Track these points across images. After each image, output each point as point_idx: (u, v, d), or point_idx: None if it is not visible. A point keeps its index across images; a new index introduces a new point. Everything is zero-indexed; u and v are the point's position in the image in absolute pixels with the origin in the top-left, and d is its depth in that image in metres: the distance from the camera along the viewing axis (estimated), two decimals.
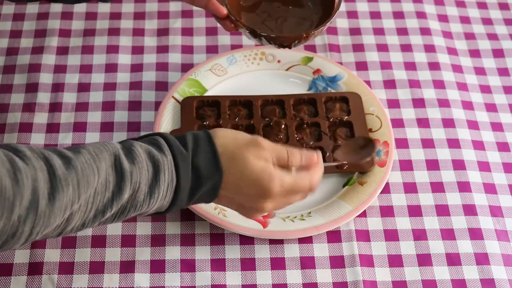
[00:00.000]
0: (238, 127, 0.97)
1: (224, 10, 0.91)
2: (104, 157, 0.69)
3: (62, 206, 0.65)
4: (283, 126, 0.98)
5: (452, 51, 1.12)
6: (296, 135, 0.97)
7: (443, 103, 1.04)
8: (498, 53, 1.12)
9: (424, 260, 0.88)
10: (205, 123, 0.97)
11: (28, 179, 0.64)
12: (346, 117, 0.99)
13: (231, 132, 0.78)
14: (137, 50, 1.09)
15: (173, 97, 1.00)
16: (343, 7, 1.16)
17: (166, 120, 0.97)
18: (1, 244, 0.65)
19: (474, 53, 1.12)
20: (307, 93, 1.03)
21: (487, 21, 1.17)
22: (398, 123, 1.02)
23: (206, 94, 1.02)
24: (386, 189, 0.95)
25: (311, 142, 0.96)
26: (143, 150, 0.72)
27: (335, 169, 0.94)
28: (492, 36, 1.15)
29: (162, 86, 1.05)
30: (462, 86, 1.07)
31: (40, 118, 1.00)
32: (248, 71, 1.05)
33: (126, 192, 0.69)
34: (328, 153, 0.95)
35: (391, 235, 0.90)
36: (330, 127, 0.98)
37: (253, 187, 0.75)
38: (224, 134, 0.76)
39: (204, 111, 0.98)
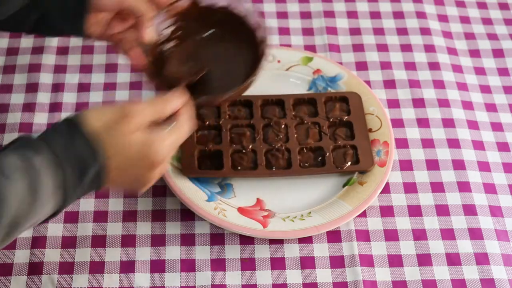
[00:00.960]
0: (238, 127, 0.97)
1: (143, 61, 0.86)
2: None
3: None
4: (283, 126, 0.98)
5: (452, 51, 1.12)
6: (296, 135, 0.97)
7: (443, 103, 1.04)
8: (498, 53, 1.12)
9: (424, 260, 0.89)
10: (206, 123, 0.97)
11: None
12: (346, 117, 0.99)
13: (96, 114, 0.73)
14: None
15: None
16: (343, 7, 1.16)
17: None
18: None
19: (474, 53, 1.12)
20: (307, 93, 1.03)
21: (487, 21, 1.17)
22: (398, 123, 1.02)
23: None
24: (386, 189, 0.95)
25: (311, 142, 0.97)
26: (14, 160, 0.68)
27: (335, 168, 0.94)
28: (492, 36, 1.15)
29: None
30: (462, 86, 1.07)
31: (40, 118, 1.00)
32: None
33: (7, 211, 0.66)
34: (328, 153, 0.95)
35: (391, 235, 0.90)
36: (330, 127, 0.99)
37: (140, 165, 0.74)
38: (90, 119, 0.72)
39: (205, 109, 0.98)
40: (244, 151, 0.94)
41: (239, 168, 0.93)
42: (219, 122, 0.97)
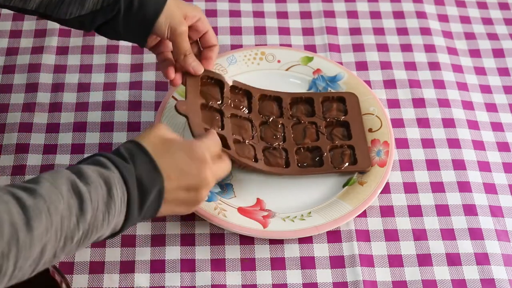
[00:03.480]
0: (236, 117, 0.96)
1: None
2: (62, 183, 0.69)
3: (39, 235, 0.65)
4: (279, 125, 0.97)
5: (452, 51, 1.12)
6: (292, 135, 0.97)
7: (443, 103, 1.04)
8: (498, 53, 1.12)
9: (424, 260, 0.88)
10: (209, 103, 0.94)
11: (4, 213, 0.63)
12: (343, 117, 0.99)
13: (153, 133, 0.79)
14: (137, 50, 1.09)
15: (173, 97, 1.00)
16: (343, 7, 1.16)
17: (166, 120, 0.97)
18: None
19: (474, 53, 1.12)
20: (304, 92, 1.03)
21: (487, 21, 1.17)
22: (398, 123, 1.02)
23: None
24: (386, 189, 0.95)
25: (308, 142, 0.96)
26: (92, 171, 0.72)
27: (332, 168, 0.94)
28: (492, 36, 1.15)
29: (162, 86, 1.05)
30: (462, 86, 1.07)
31: (40, 118, 1.00)
32: (248, 71, 1.05)
33: (88, 212, 0.69)
34: (325, 153, 0.95)
35: (391, 235, 0.90)
36: (327, 127, 0.98)
37: (189, 163, 0.77)
38: (148, 137, 0.78)
39: (208, 90, 0.96)
40: (245, 142, 0.94)
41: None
42: (221, 108, 0.96)
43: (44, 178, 0.69)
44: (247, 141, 0.94)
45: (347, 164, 0.95)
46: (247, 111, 0.98)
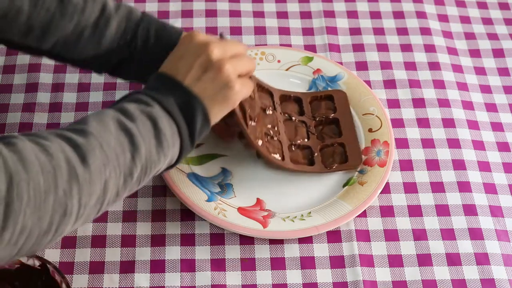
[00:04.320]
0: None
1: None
2: (108, 121, 0.70)
3: (97, 170, 0.66)
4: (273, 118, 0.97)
5: (452, 51, 1.12)
6: (285, 131, 0.97)
7: (443, 103, 1.04)
8: (498, 53, 1.12)
9: (424, 260, 0.89)
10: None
11: (58, 151, 0.64)
12: (332, 114, 0.99)
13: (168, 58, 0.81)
14: None
15: None
16: (343, 7, 1.16)
17: None
18: (56, 228, 0.64)
19: (474, 53, 1.12)
20: (293, 91, 1.02)
21: (487, 21, 1.17)
22: (398, 123, 1.02)
23: None
24: (386, 189, 0.95)
25: (299, 141, 0.96)
26: (135, 108, 0.73)
27: (323, 168, 0.94)
28: (492, 36, 1.15)
29: None
30: (462, 86, 1.07)
31: (40, 118, 1.00)
32: None
33: (142, 147, 0.70)
34: (316, 153, 0.95)
35: (391, 235, 0.90)
36: (317, 126, 0.98)
37: (189, 48, 0.80)
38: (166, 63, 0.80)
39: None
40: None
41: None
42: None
43: (91, 118, 0.70)
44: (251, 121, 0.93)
45: (337, 164, 0.95)
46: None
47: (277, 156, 0.93)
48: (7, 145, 0.63)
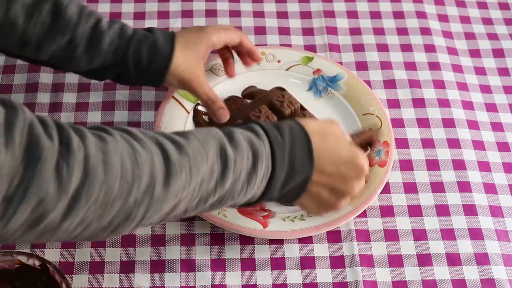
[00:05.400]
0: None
1: None
2: (211, 144, 0.68)
3: (175, 192, 0.65)
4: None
5: (452, 51, 1.12)
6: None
7: (443, 103, 1.04)
8: (498, 53, 1.12)
9: (424, 260, 0.89)
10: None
11: (146, 163, 0.63)
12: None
13: (316, 121, 0.79)
14: None
15: (173, 97, 1.00)
16: (343, 7, 1.16)
17: (166, 120, 0.97)
18: (114, 228, 0.64)
19: (474, 53, 1.12)
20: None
21: (487, 21, 1.17)
22: (398, 123, 1.02)
23: None
24: (386, 189, 0.95)
25: None
26: (244, 138, 0.71)
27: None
28: (492, 36, 1.15)
29: (162, 86, 1.05)
30: (462, 86, 1.07)
31: None
32: (248, 71, 1.05)
33: (229, 180, 0.69)
34: None
35: (391, 235, 0.90)
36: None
37: (348, 168, 0.77)
38: (311, 125, 0.77)
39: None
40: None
41: None
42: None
43: (195, 135, 0.68)
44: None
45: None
46: None
47: None
48: (98, 139, 0.62)
